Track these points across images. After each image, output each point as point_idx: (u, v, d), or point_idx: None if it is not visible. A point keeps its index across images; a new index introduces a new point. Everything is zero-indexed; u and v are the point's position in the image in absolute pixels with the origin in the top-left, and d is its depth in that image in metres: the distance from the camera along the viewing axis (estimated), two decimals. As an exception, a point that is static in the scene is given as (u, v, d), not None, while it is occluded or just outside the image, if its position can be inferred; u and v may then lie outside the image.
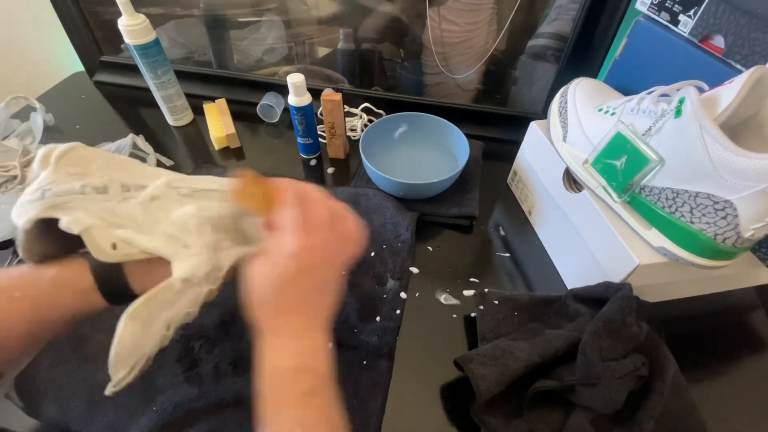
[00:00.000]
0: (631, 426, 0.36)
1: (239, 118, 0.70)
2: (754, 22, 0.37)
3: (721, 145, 0.32)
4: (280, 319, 0.30)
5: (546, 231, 0.55)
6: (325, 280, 0.32)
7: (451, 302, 0.48)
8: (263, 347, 0.30)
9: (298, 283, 0.30)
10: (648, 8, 0.46)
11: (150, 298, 0.30)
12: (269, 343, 0.30)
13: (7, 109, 0.68)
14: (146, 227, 0.31)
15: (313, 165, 0.66)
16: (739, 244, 0.35)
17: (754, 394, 0.43)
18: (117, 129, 0.70)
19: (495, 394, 0.36)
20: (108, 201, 0.31)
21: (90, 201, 0.30)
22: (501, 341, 0.40)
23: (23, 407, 0.38)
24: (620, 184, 0.40)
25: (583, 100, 0.47)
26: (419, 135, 0.64)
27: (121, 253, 0.29)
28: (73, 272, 0.30)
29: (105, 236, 0.29)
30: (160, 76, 0.64)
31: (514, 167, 0.61)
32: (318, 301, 0.32)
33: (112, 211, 0.31)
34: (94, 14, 0.74)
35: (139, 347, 0.30)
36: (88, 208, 0.30)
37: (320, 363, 0.30)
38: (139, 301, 0.29)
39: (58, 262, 0.31)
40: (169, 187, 0.33)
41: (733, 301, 0.50)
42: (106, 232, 0.30)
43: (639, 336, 0.36)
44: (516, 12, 0.64)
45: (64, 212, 0.29)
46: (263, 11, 0.75)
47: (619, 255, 0.40)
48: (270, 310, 0.30)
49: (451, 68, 0.72)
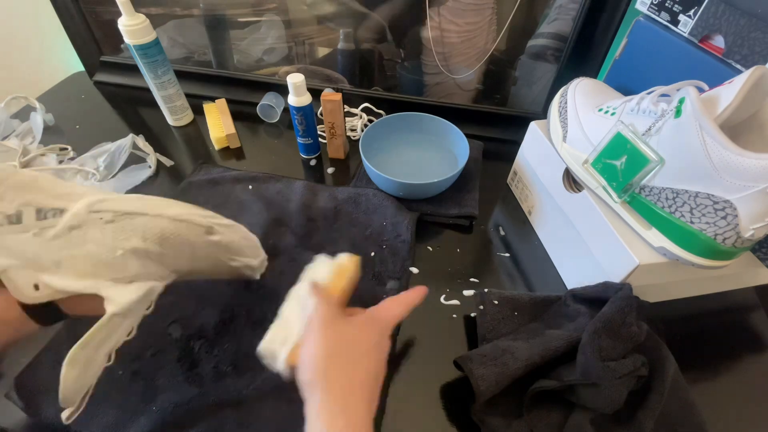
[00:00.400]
0: (631, 426, 0.36)
1: (239, 118, 0.70)
2: (754, 22, 0.37)
3: (721, 145, 0.32)
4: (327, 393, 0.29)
5: (546, 231, 0.55)
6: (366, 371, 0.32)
7: (451, 302, 0.48)
8: (311, 413, 0.29)
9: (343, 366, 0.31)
10: (648, 8, 0.46)
11: (86, 342, 0.29)
12: (317, 410, 0.28)
13: (7, 109, 0.68)
14: (67, 263, 0.30)
15: (313, 165, 0.66)
16: (739, 244, 0.35)
17: (754, 394, 0.43)
18: (117, 129, 0.70)
19: (495, 394, 0.36)
20: (24, 232, 0.29)
21: (4, 233, 0.28)
22: (501, 341, 0.40)
23: (23, 407, 0.37)
24: (620, 184, 0.40)
25: (583, 100, 0.47)
26: (419, 135, 0.64)
27: (43, 294, 0.29)
28: (1, 302, 0.29)
29: (25, 277, 0.28)
30: (160, 76, 0.64)
31: (514, 167, 0.61)
32: (363, 392, 0.31)
33: (29, 247, 0.29)
34: (94, 14, 0.74)
35: (83, 385, 0.31)
36: (3, 246, 0.28)
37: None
38: (76, 346, 0.29)
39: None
40: (90, 212, 0.31)
41: (733, 301, 0.50)
42: (26, 273, 0.28)
43: (639, 336, 0.36)
44: (516, 12, 0.64)
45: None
46: (263, 11, 0.75)
47: (619, 255, 0.40)
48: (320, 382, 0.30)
49: (451, 68, 0.72)
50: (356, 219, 0.55)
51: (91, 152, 0.62)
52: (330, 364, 0.30)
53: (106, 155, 0.61)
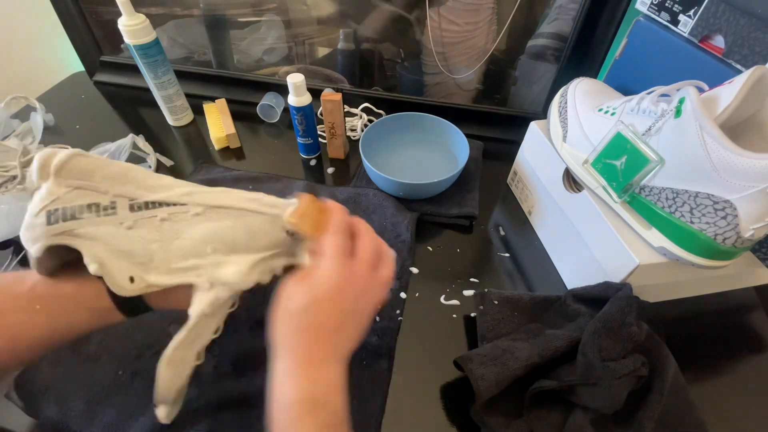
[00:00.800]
0: (631, 426, 0.36)
1: (239, 118, 0.70)
2: (754, 22, 0.37)
3: (721, 145, 0.32)
4: (301, 343, 0.29)
5: (546, 231, 0.55)
6: (354, 315, 0.31)
7: (451, 302, 0.48)
8: (278, 372, 0.28)
9: (328, 312, 0.29)
10: (648, 8, 0.46)
11: (182, 342, 0.30)
12: (286, 369, 0.28)
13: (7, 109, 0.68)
14: (160, 257, 0.30)
15: (313, 165, 0.66)
16: (739, 244, 0.35)
17: (754, 394, 0.43)
18: (117, 129, 0.70)
19: (495, 394, 0.36)
20: (118, 225, 0.30)
21: (99, 224, 0.29)
22: (501, 341, 0.40)
23: (23, 407, 0.37)
24: (620, 184, 0.40)
25: (583, 100, 0.47)
26: (419, 135, 0.64)
27: (138, 287, 0.29)
28: (90, 291, 0.30)
29: (121, 270, 0.29)
30: (160, 76, 0.64)
31: (514, 167, 0.61)
32: (343, 335, 0.31)
33: (123, 239, 0.29)
34: (94, 14, 0.74)
35: (178, 384, 0.32)
36: (99, 237, 0.29)
37: (337, 399, 0.28)
38: (172, 348, 0.30)
39: (74, 278, 0.30)
40: (179, 203, 0.32)
41: (733, 301, 0.50)
42: (123, 265, 0.29)
43: (639, 336, 0.36)
44: (516, 12, 0.64)
45: (74, 239, 0.28)
46: (263, 11, 0.75)
47: (619, 255, 0.40)
48: (294, 330, 0.29)
49: (451, 68, 0.72)
50: (356, 219, 0.55)
51: (91, 152, 0.62)
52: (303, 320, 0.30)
53: (106, 155, 0.61)
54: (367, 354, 0.43)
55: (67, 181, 0.29)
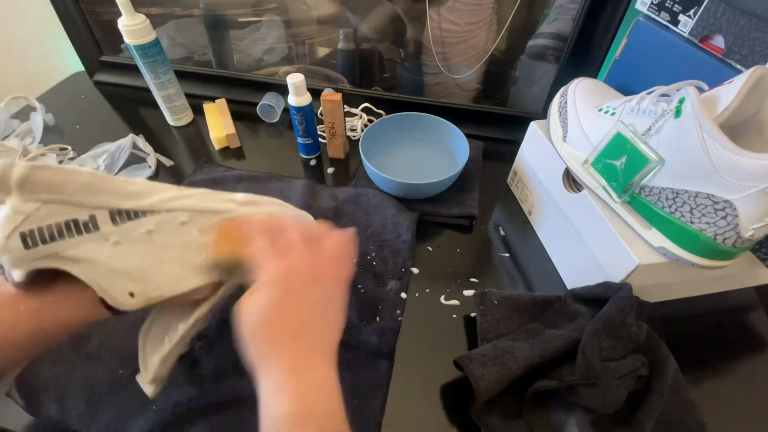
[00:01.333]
0: (631, 426, 0.36)
1: (239, 118, 0.70)
2: (754, 22, 0.37)
3: (721, 145, 0.32)
4: (274, 353, 0.28)
5: (546, 231, 0.55)
6: (318, 303, 0.30)
7: (451, 302, 0.48)
8: (263, 391, 0.27)
9: (285, 311, 0.28)
10: (648, 8, 0.46)
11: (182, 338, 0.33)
12: (268, 385, 0.27)
13: (7, 109, 0.68)
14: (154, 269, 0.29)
15: (313, 165, 0.66)
16: (739, 244, 0.35)
17: (754, 394, 0.43)
18: (117, 129, 0.70)
19: (495, 394, 0.36)
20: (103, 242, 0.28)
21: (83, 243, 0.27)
22: (501, 341, 0.40)
23: (24, 406, 0.38)
24: (620, 184, 0.40)
25: (583, 100, 0.47)
26: (419, 135, 0.64)
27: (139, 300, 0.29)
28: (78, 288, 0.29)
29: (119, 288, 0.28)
30: (160, 76, 0.64)
31: (514, 167, 0.61)
32: (316, 327, 0.30)
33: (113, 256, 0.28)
34: (94, 14, 0.74)
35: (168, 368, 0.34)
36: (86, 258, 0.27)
37: (324, 402, 0.27)
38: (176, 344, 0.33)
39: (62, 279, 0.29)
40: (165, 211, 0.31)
41: (733, 301, 0.50)
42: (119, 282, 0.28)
43: (639, 336, 0.36)
44: (516, 12, 0.64)
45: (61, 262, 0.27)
46: (263, 11, 0.75)
47: (619, 255, 0.40)
48: (262, 343, 0.28)
49: (451, 68, 0.72)
50: (356, 219, 0.55)
51: (91, 152, 0.62)
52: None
53: (106, 155, 0.61)
54: (367, 354, 0.43)
55: (34, 196, 0.26)
